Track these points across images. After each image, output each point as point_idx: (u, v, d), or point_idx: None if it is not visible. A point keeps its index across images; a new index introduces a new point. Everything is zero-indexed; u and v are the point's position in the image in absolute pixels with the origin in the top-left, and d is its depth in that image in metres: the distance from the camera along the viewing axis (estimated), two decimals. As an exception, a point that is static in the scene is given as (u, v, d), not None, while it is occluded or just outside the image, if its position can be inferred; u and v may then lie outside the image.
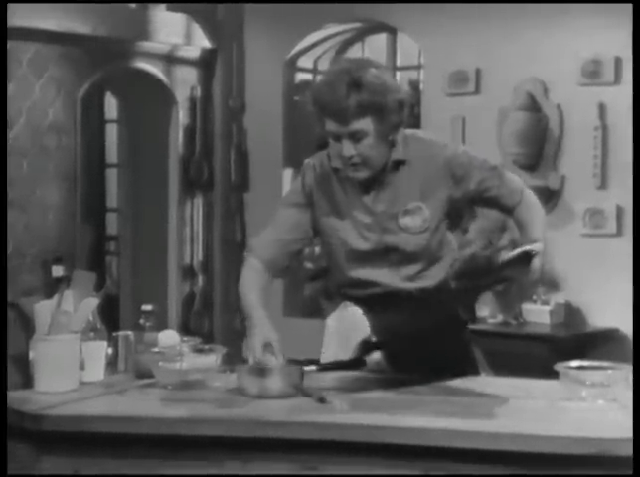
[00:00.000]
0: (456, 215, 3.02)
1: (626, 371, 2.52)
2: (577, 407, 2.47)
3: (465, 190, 2.92)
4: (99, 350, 2.88)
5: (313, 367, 2.88)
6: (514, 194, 2.96)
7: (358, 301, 3.02)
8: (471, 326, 3.28)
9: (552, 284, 5.84)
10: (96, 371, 2.86)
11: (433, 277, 2.97)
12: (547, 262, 2.88)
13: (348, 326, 3.01)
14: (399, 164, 2.92)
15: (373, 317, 2.99)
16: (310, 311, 6.34)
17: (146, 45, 6.70)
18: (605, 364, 2.59)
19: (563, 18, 5.85)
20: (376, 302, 2.98)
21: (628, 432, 2.24)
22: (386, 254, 2.93)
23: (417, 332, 2.94)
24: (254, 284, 2.97)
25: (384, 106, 2.78)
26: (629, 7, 5.52)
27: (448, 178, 2.91)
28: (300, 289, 6.96)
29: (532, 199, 3.00)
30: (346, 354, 3.00)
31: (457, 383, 2.78)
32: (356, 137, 2.79)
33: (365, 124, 2.78)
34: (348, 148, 2.81)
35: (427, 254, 2.94)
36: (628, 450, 2.19)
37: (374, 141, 2.82)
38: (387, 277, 2.95)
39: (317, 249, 7.02)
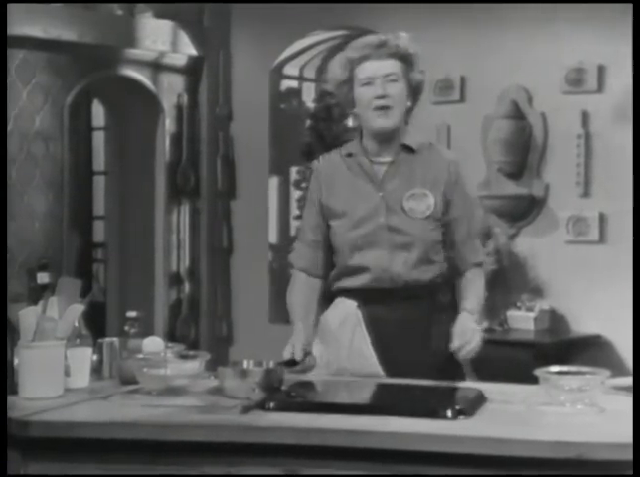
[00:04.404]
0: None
1: (603, 375, 2.55)
2: (556, 412, 2.50)
3: (448, 198, 3.10)
4: (84, 356, 2.90)
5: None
6: (477, 253, 3.16)
7: (352, 294, 3.09)
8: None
9: (536, 291, 5.88)
10: (81, 377, 2.88)
11: (428, 271, 3.07)
12: (532, 270, 3.05)
13: (342, 320, 3.08)
14: (409, 151, 3.10)
15: (367, 309, 3.06)
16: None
17: (133, 52, 6.72)
18: (584, 369, 2.62)
19: (548, 26, 5.88)
20: (370, 294, 3.06)
21: (606, 437, 2.27)
22: (388, 236, 3.04)
23: (410, 325, 3.03)
24: (297, 295, 3.16)
25: (413, 60, 3.06)
26: (613, 15, 5.58)
27: (448, 179, 3.09)
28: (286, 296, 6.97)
29: (482, 274, 3.17)
30: (339, 347, 3.06)
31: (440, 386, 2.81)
32: (389, 78, 3.01)
33: (397, 67, 3.03)
34: (382, 87, 3.01)
35: (426, 245, 3.06)
36: (606, 455, 2.22)
37: (401, 90, 3.04)
38: (386, 261, 3.04)
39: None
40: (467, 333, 2.87)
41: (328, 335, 3.11)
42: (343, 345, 3.06)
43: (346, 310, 3.08)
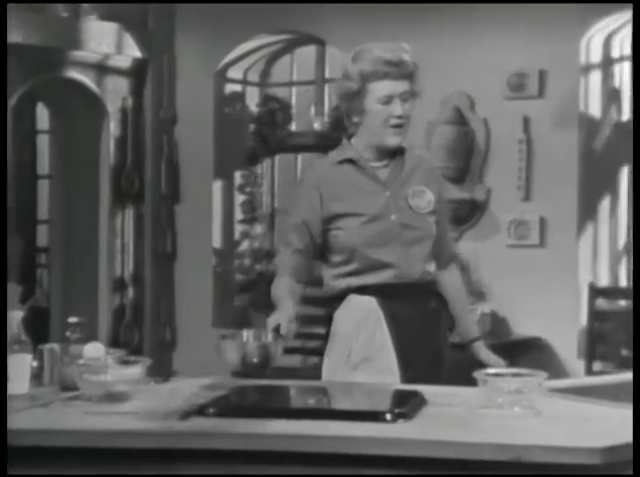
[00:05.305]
0: None
1: (540, 378, 2.58)
2: (494, 414, 2.53)
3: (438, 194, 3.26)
4: (24, 363, 2.87)
5: None
6: (452, 245, 3.45)
7: (368, 291, 3.13)
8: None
9: (478, 295, 5.94)
10: (21, 384, 2.85)
11: (432, 265, 3.22)
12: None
13: (362, 316, 3.12)
14: (402, 152, 3.21)
15: (385, 305, 3.11)
16: (239, 322, 6.35)
17: (77, 54, 6.68)
18: (522, 371, 2.65)
19: (489, 32, 5.95)
20: (388, 289, 3.12)
21: (543, 439, 2.29)
22: (402, 233, 3.13)
23: (425, 319, 3.16)
24: (282, 287, 3.17)
25: (415, 76, 3.17)
26: (553, 16, 5.64)
27: (437, 176, 3.31)
28: (229, 300, 6.98)
29: (458, 272, 3.45)
30: (357, 343, 3.11)
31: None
32: (403, 97, 3.10)
33: (408, 86, 3.13)
34: (401, 107, 3.11)
35: (432, 239, 3.20)
36: (542, 457, 2.23)
37: (411, 106, 3.14)
38: (405, 257, 3.13)
39: (247, 261, 7.05)
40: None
41: (347, 331, 3.14)
42: (367, 339, 3.11)
43: (365, 307, 3.12)
